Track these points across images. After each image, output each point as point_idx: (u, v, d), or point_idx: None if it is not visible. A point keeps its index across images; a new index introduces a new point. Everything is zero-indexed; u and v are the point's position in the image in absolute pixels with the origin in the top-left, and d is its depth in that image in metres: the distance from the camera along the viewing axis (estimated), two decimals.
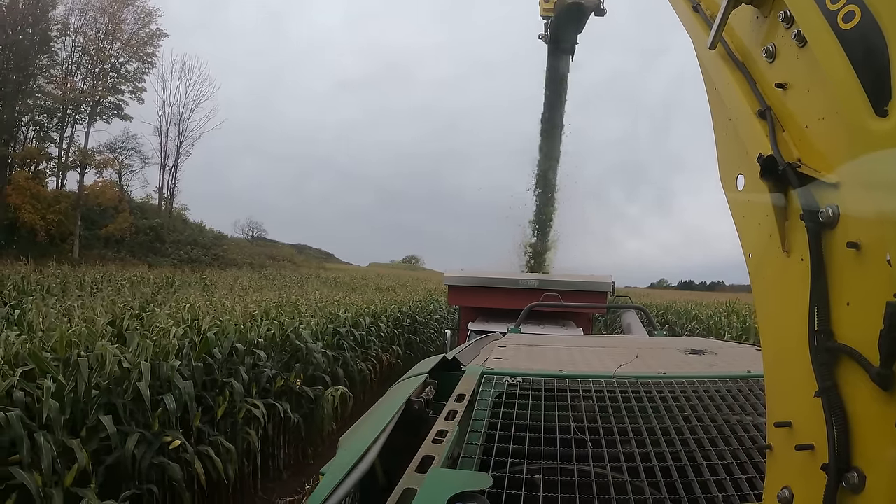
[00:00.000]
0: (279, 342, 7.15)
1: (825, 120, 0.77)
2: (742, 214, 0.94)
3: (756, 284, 0.91)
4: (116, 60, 33.54)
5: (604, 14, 12.44)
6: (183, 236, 35.69)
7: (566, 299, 7.07)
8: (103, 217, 32.09)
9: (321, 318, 8.76)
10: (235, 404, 5.60)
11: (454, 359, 2.13)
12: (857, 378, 0.67)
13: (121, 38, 33.32)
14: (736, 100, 0.93)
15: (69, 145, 32.47)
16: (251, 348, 6.33)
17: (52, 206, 29.78)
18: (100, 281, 15.40)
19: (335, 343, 8.55)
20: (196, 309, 7.35)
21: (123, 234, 32.02)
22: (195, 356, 5.51)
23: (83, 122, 32.72)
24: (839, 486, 0.67)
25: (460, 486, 1.06)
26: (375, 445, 1.32)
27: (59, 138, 32.21)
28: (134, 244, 32.41)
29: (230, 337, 6.10)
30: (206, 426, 5.22)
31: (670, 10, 1.24)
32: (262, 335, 6.75)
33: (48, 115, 31.81)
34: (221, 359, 5.81)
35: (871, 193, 0.67)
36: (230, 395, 5.56)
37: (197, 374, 5.37)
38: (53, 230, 29.41)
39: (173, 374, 4.89)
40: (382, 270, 47.28)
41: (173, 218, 37.49)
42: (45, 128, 32.07)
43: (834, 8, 0.72)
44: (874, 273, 0.65)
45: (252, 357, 6.26)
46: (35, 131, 31.79)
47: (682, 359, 2.52)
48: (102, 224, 31.81)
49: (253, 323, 7.10)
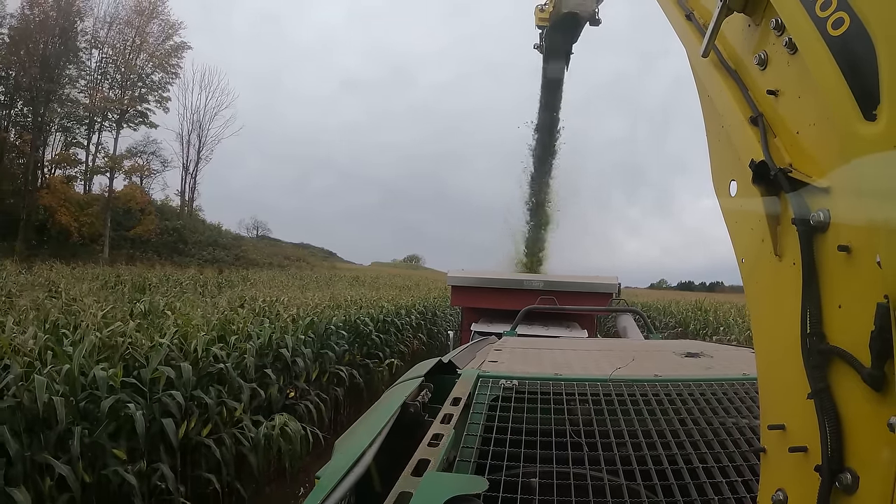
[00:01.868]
0: (351, 327, 9.48)
1: (816, 125, 0.76)
2: (735, 220, 0.93)
3: (749, 288, 0.90)
4: (142, 71, 34.30)
5: (599, 24, 12.38)
6: (203, 237, 36.22)
7: (567, 301, 6.89)
8: (127, 219, 32.69)
9: (372, 310, 11.29)
10: (326, 369, 7.73)
11: (450, 362, 2.09)
12: (849, 380, 0.66)
13: (147, 49, 34.02)
14: (728, 106, 0.93)
15: (96, 151, 33.34)
16: (337, 329, 8.68)
17: (85, 209, 30.57)
18: (165, 281, 16.52)
19: (384, 329, 11.00)
20: (283, 302, 9.84)
21: (150, 236, 32.62)
22: (304, 334, 7.63)
23: (110, 129, 33.59)
24: (833, 487, 0.66)
25: (456, 489, 1.05)
26: (371, 449, 1.30)
27: (87, 144, 33.10)
28: (159, 245, 32.95)
29: (323, 321, 8.47)
30: (304, 384, 7.09)
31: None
32: (339, 321, 9.06)
33: (77, 122, 32.64)
34: (318, 336, 7.97)
35: (862, 197, 0.67)
36: (323, 362, 7.70)
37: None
38: (85, 231, 30.12)
39: (300, 344, 7.17)
40: (385, 269, 47.13)
41: (193, 220, 38.25)
42: (73, 134, 32.90)
43: (823, 15, 0.72)
44: (865, 275, 0.64)
45: (336, 336, 8.54)
46: (64, 137, 32.62)
47: (677, 362, 2.48)
48: (127, 226, 32.43)
49: (333, 312, 9.54)
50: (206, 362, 5.56)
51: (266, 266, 33.75)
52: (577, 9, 11.71)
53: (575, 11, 11.82)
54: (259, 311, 8.69)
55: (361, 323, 9.93)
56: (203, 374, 5.43)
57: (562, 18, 12.31)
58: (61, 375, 4.20)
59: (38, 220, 29.12)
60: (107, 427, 4.28)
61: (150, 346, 5.11)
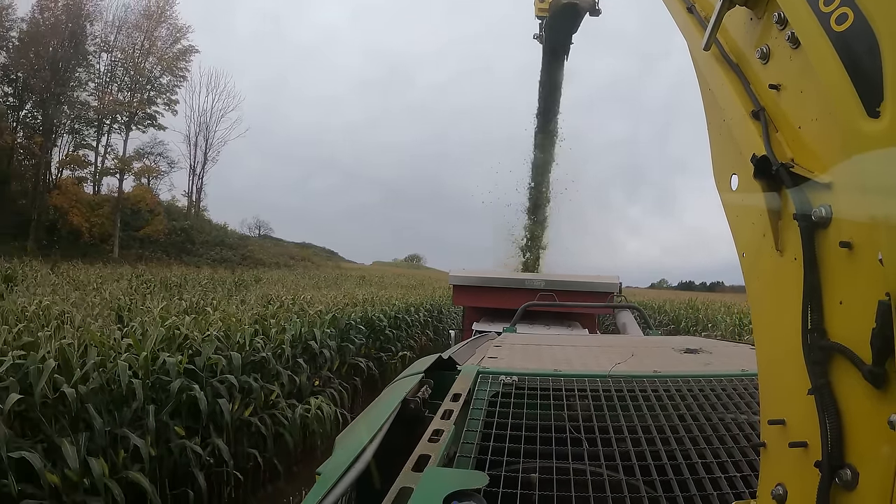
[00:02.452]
0: (367, 322, 10.49)
1: (818, 121, 0.75)
2: (736, 214, 0.93)
3: (750, 284, 0.89)
4: (150, 74, 34.61)
5: (598, 14, 12.09)
6: (210, 237, 36.52)
7: (568, 299, 6.85)
8: (135, 219, 32.96)
9: (385, 308, 12.16)
10: (346, 360, 8.64)
11: (450, 358, 2.08)
12: (849, 376, 0.66)
13: (155, 52, 34.29)
14: (730, 101, 0.92)
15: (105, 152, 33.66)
16: (355, 324, 9.74)
17: (96, 209, 30.89)
18: (186, 281, 17.09)
19: (396, 325, 12.02)
20: (307, 300, 11.00)
21: (158, 236, 32.91)
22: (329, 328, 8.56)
23: (119, 131, 33.96)
24: (832, 483, 0.66)
25: (457, 484, 1.05)
26: (372, 445, 1.30)
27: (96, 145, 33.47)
28: (167, 245, 33.22)
29: (344, 317, 9.54)
30: (328, 373, 7.99)
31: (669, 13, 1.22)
32: (357, 317, 10.15)
33: (86, 124, 33.01)
34: (339, 331, 8.94)
35: (864, 194, 0.66)
36: (344, 354, 8.61)
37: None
38: (96, 232, 30.43)
39: (325, 338, 8.13)
40: (388, 269, 47.14)
41: (200, 220, 38.65)
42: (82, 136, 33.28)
43: (827, 10, 0.71)
44: (866, 272, 0.63)
45: (355, 330, 9.58)
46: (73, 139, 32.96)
47: (676, 358, 2.47)
48: (135, 226, 32.71)
49: (352, 309, 10.70)
50: (248, 352, 6.21)
51: (272, 266, 34.03)
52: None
53: (574, 1, 11.62)
54: (287, 307, 9.64)
55: (377, 319, 10.90)
56: (246, 361, 6.10)
57: (561, 8, 12.04)
58: (139, 360, 4.82)
59: (47, 221, 29.46)
60: (169, 407, 4.79)
61: (202, 338, 5.79)
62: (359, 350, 9.25)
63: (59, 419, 4.10)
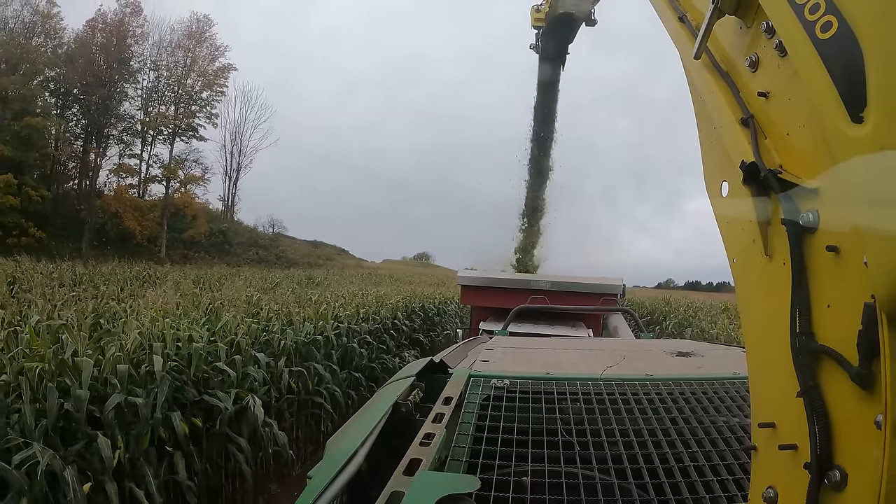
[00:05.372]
0: (421, 309, 13.32)
1: (805, 127, 0.74)
2: (726, 220, 0.91)
3: (740, 288, 0.88)
4: (192, 90, 35.83)
5: (594, 24, 11.95)
6: (245, 238, 37.68)
7: (571, 301, 6.65)
8: (177, 222, 34.17)
9: (426, 301, 14.67)
10: (412, 336, 11.18)
11: (441, 361, 2.02)
12: (837, 378, 0.64)
13: (196, 70, 35.55)
14: (720, 108, 0.91)
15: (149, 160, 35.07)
16: (416, 311, 12.67)
17: (147, 214, 32.43)
18: (251, 279, 17.38)
19: (438, 312, 14.77)
20: (381, 294, 12.84)
21: (199, 238, 34.20)
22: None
23: (164, 141, 35.33)
24: (822, 485, 0.65)
25: (448, 488, 1.02)
26: (363, 449, 1.27)
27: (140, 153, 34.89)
28: (208, 245, 34.41)
29: (410, 305, 12.46)
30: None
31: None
32: (416, 305, 13.07)
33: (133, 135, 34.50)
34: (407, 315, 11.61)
35: (849, 199, 0.65)
36: (414, 331, 11.44)
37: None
38: (147, 234, 31.87)
39: (404, 319, 11.02)
40: (399, 267, 46.39)
41: (234, 223, 39.86)
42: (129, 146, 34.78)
43: (812, 18, 0.70)
44: (852, 275, 0.62)
45: (415, 315, 12.46)
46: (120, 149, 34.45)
47: (668, 361, 2.41)
48: (178, 228, 33.91)
49: (411, 299, 13.36)
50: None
51: (305, 265, 34.59)
52: (572, 9, 11.49)
53: (571, 12, 11.57)
54: (369, 299, 11.32)
55: (429, 308, 14.02)
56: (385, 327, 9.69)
57: (557, 19, 12.00)
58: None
59: (97, 224, 30.78)
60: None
61: (373, 311, 9.46)
62: (419, 329, 12.18)
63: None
